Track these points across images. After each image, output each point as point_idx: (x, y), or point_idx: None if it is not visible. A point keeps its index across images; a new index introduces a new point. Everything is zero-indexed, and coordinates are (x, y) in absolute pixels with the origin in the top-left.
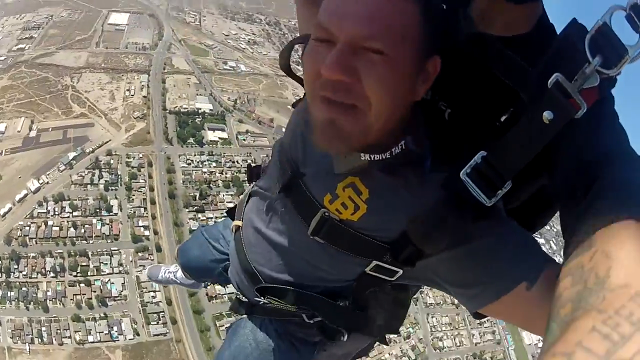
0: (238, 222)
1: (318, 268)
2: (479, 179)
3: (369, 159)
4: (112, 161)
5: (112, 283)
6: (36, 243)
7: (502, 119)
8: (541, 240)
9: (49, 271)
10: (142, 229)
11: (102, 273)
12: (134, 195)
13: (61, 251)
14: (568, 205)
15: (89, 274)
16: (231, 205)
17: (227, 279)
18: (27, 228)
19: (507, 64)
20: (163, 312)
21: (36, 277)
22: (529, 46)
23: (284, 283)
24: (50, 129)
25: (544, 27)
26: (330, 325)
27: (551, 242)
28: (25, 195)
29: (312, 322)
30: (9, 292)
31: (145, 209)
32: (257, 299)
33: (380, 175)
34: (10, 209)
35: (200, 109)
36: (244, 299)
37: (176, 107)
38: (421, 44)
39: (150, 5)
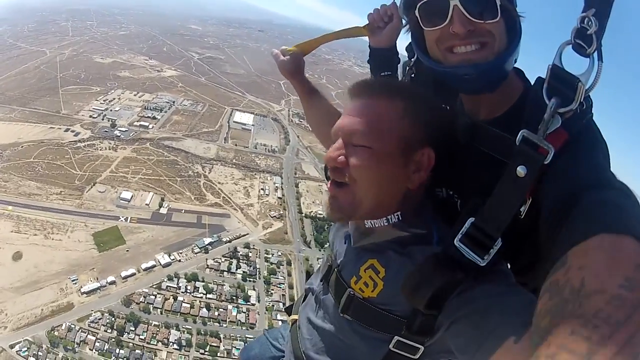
0: (294, 316)
1: (351, 347)
2: (471, 243)
3: (370, 225)
4: (250, 254)
5: None
6: (161, 313)
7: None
8: None
9: (173, 343)
10: (280, 322)
11: (233, 357)
12: (272, 289)
13: (190, 327)
14: (548, 237)
15: (218, 355)
16: None
17: None
18: (153, 297)
19: (495, 140)
20: None
21: (155, 345)
22: (514, 118)
23: None
24: (182, 211)
25: (525, 97)
26: None
27: None
28: (153, 266)
29: None
30: (117, 350)
31: (284, 304)
32: None
33: (394, 255)
34: (133, 274)
35: None
36: None
37: (312, 212)
38: (406, 138)
39: (272, 109)
